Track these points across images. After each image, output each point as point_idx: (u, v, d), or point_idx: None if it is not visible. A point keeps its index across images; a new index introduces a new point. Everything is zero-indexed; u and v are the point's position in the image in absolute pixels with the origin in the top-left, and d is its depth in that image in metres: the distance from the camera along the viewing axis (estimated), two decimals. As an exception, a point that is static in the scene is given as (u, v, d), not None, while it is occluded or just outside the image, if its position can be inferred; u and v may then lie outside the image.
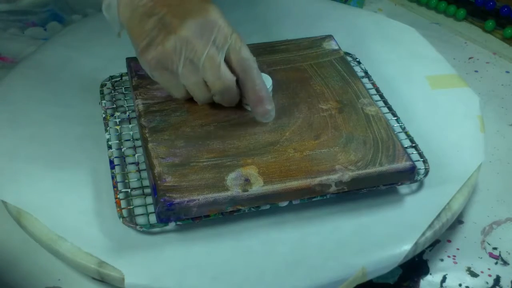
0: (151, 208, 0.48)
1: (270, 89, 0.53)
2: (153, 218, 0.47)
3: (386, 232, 0.48)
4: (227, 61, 0.48)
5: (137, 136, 0.53)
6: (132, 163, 0.51)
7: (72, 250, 0.46)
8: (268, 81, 0.52)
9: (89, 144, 0.54)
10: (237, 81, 0.50)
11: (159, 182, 0.46)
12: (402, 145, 0.50)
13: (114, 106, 0.57)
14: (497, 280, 0.51)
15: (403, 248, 0.47)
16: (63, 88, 0.60)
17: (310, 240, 0.47)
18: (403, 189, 0.52)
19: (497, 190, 0.59)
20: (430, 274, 0.52)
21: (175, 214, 0.45)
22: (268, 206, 0.48)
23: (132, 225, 0.46)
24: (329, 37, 0.63)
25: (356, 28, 0.70)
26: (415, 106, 0.60)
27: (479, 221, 0.56)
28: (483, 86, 0.73)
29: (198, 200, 0.45)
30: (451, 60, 0.73)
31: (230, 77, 0.48)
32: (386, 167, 0.48)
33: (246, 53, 0.49)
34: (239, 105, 0.53)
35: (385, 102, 0.58)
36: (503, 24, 0.82)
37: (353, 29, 0.70)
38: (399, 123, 0.56)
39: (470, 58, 0.78)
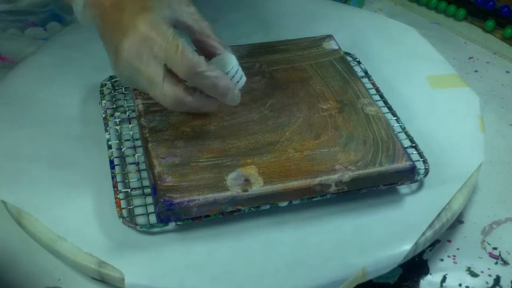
0: (151, 208, 0.48)
1: (234, 68, 0.48)
2: (153, 218, 0.47)
3: (386, 232, 0.48)
4: (174, 73, 0.45)
5: (137, 136, 0.53)
6: (132, 163, 0.51)
7: (72, 250, 0.46)
8: (231, 60, 0.48)
9: (89, 144, 0.54)
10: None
11: (159, 182, 0.46)
12: (402, 145, 0.50)
13: (114, 106, 0.57)
14: (497, 280, 0.51)
15: (403, 248, 0.47)
16: (63, 88, 0.60)
17: (310, 240, 0.47)
18: (403, 189, 0.52)
19: (497, 190, 0.59)
20: (430, 274, 0.52)
21: (175, 214, 0.45)
22: (268, 206, 0.48)
23: (132, 225, 0.46)
24: (329, 37, 0.63)
25: (356, 28, 0.70)
26: (415, 106, 0.60)
27: (479, 221, 0.56)
28: (483, 86, 0.73)
29: (198, 200, 0.45)
30: (451, 60, 0.73)
31: (172, 93, 0.45)
32: (386, 167, 0.48)
33: (185, 60, 0.44)
34: (238, 105, 0.52)
35: (385, 102, 0.58)
36: (503, 24, 0.82)
37: (353, 29, 0.70)
38: (399, 123, 0.56)
39: (470, 58, 0.78)
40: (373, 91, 0.59)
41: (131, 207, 0.48)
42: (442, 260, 0.53)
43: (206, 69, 0.45)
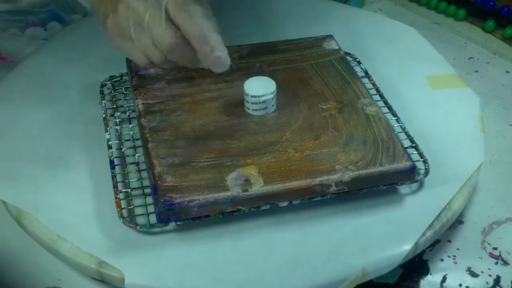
0: (151, 208, 0.48)
1: (274, 93, 0.52)
2: (153, 218, 0.47)
3: (386, 232, 0.48)
4: (172, 19, 0.47)
5: (137, 136, 0.53)
6: (132, 163, 0.51)
7: (72, 250, 0.46)
8: (271, 85, 0.52)
9: (89, 144, 0.54)
10: None
11: (159, 182, 0.46)
12: (402, 145, 0.50)
13: (114, 106, 0.57)
14: (497, 280, 0.51)
15: (403, 248, 0.47)
16: (63, 88, 0.60)
17: (310, 240, 0.47)
18: (403, 189, 0.52)
19: (497, 190, 0.59)
20: (430, 274, 0.52)
21: (175, 214, 0.45)
22: (268, 206, 0.48)
23: (132, 225, 0.46)
24: (329, 37, 0.63)
25: (356, 28, 0.70)
26: (415, 106, 0.60)
27: (479, 221, 0.56)
28: (483, 86, 0.73)
29: (198, 200, 0.45)
30: (451, 60, 0.73)
31: (172, 33, 0.46)
32: (386, 167, 0.48)
33: (184, 4, 0.46)
34: (239, 105, 0.53)
35: (385, 102, 0.58)
36: (503, 24, 0.82)
37: (353, 29, 0.70)
38: (399, 123, 0.56)
39: (470, 58, 0.78)
40: (373, 91, 0.59)
41: (131, 207, 0.48)
42: (442, 260, 0.53)
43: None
